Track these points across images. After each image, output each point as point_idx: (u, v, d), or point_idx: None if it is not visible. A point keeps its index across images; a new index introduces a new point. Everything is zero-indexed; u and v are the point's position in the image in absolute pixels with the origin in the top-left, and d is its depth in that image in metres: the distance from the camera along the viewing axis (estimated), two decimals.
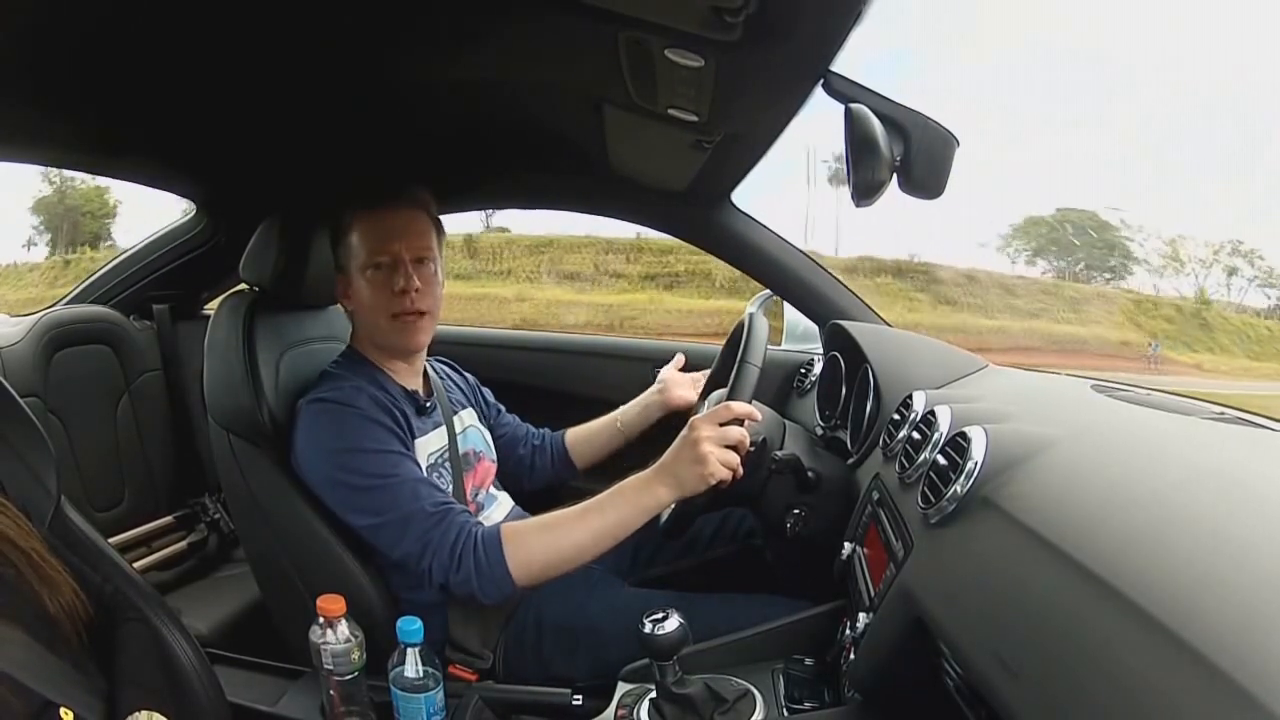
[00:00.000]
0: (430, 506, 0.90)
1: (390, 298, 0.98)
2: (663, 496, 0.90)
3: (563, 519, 0.91)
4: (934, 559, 0.63)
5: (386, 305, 0.99)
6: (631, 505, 0.90)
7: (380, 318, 1.00)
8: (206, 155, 1.24)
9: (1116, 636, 0.39)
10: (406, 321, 1.00)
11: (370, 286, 0.99)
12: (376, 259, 0.98)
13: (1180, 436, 0.70)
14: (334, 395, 0.95)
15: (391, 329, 1.00)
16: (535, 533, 0.91)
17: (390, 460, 0.92)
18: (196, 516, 1.66)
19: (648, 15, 0.63)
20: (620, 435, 1.25)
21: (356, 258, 1.00)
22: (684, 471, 0.88)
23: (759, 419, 0.93)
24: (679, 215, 1.44)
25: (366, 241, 0.99)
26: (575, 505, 0.92)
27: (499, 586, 0.88)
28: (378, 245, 0.98)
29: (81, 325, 1.54)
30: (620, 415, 1.25)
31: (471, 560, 0.88)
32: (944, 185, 0.69)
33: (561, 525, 0.91)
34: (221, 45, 0.79)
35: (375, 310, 1.00)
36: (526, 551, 0.89)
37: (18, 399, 0.75)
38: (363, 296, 1.00)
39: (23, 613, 0.60)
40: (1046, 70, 25.27)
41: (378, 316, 1.00)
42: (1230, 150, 22.77)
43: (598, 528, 0.89)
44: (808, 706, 0.78)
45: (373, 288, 0.99)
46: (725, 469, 0.87)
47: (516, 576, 0.88)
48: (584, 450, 1.26)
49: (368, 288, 0.99)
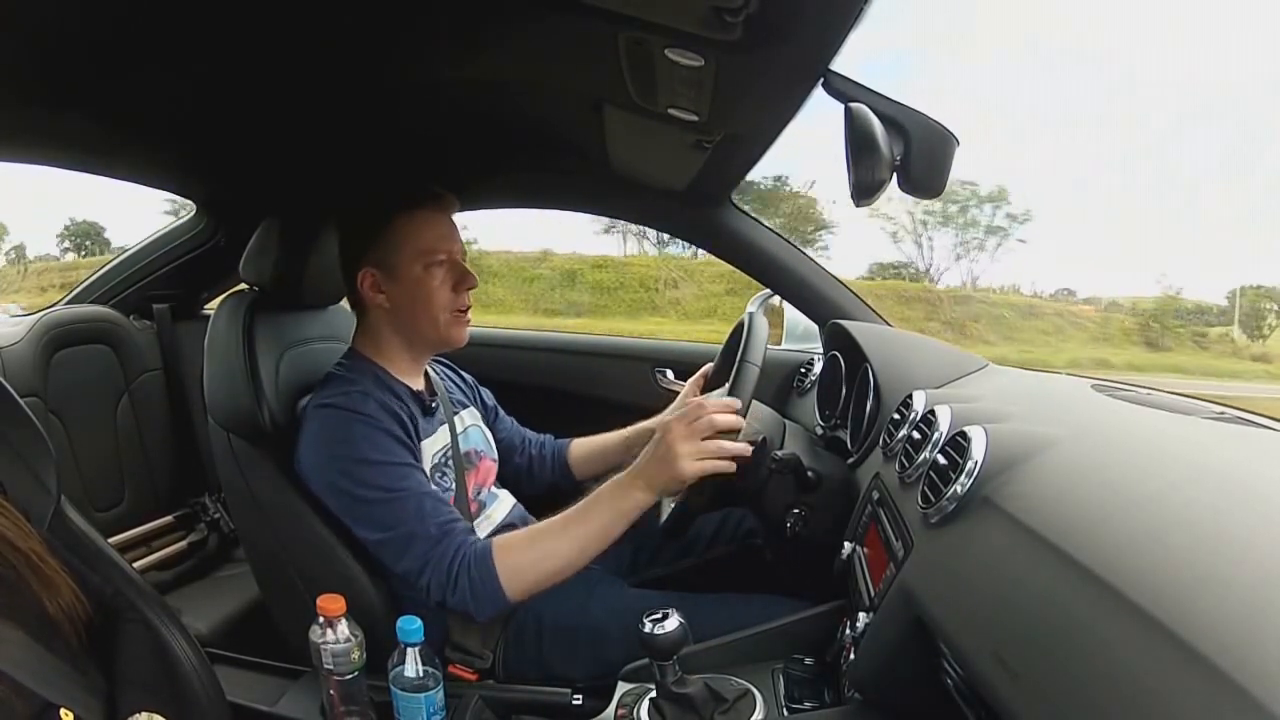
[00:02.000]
0: (434, 528, 0.90)
1: (451, 295, 1.02)
2: (640, 499, 0.90)
3: (547, 532, 0.92)
4: (934, 559, 0.63)
5: (450, 302, 1.02)
6: (612, 510, 0.90)
7: (442, 313, 1.02)
8: (206, 155, 1.24)
9: (1116, 636, 0.39)
10: (462, 318, 1.03)
11: (432, 282, 1.01)
12: (437, 256, 1.00)
13: (1180, 436, 0.70)
14: (342, 401, 0.94)
15: (450, 324, 1.03)
16: (524, 550, 0.91)
17: (397, 473, 0.92)
18: (196, 516, 1.66)
19: (648, 15, 0.63)
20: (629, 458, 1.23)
21: (406, 253, 1.00)
22: (654, 471, 0.89)
23: (736, 406, 0.92)
24: (679, 215, 1.44)
25: (424, 239, 1.00)
26: (559, 514, 0.93)
27: (494, 604, 0.89)
28: (438, 243, 1.00)
29: (81, 325, 1.54)
30: (630, 435, 1.23)
31: (466, 580, 0.88)
32: (944, 184, 0.69)
33: (546, 539, 0.91)
34: (221, 45, 0.79)
35: (436, 306, 1.01)
36: (517, 570, 0.89)
37: (18, 399, 0.75)
38: (417, 293, 1.01)
39: (22, 614, 0.60)
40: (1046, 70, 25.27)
41: (438, 312, 1.02)
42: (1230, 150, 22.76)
43: (582, 536, 0.90)
44: (808, 706, 0.78)
45: (435, 284, 1.01)
46: (698, 464, 0.87)
47: (509, 593, 0.89)
48: (588, 466, 1.25)
49: (428, 283, 1.00)
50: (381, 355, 1.04)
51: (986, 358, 1.18)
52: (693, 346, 1.75)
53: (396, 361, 1.04)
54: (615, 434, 1.25)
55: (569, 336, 1.92)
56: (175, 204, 3.70)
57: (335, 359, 1.05)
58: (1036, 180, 22.03)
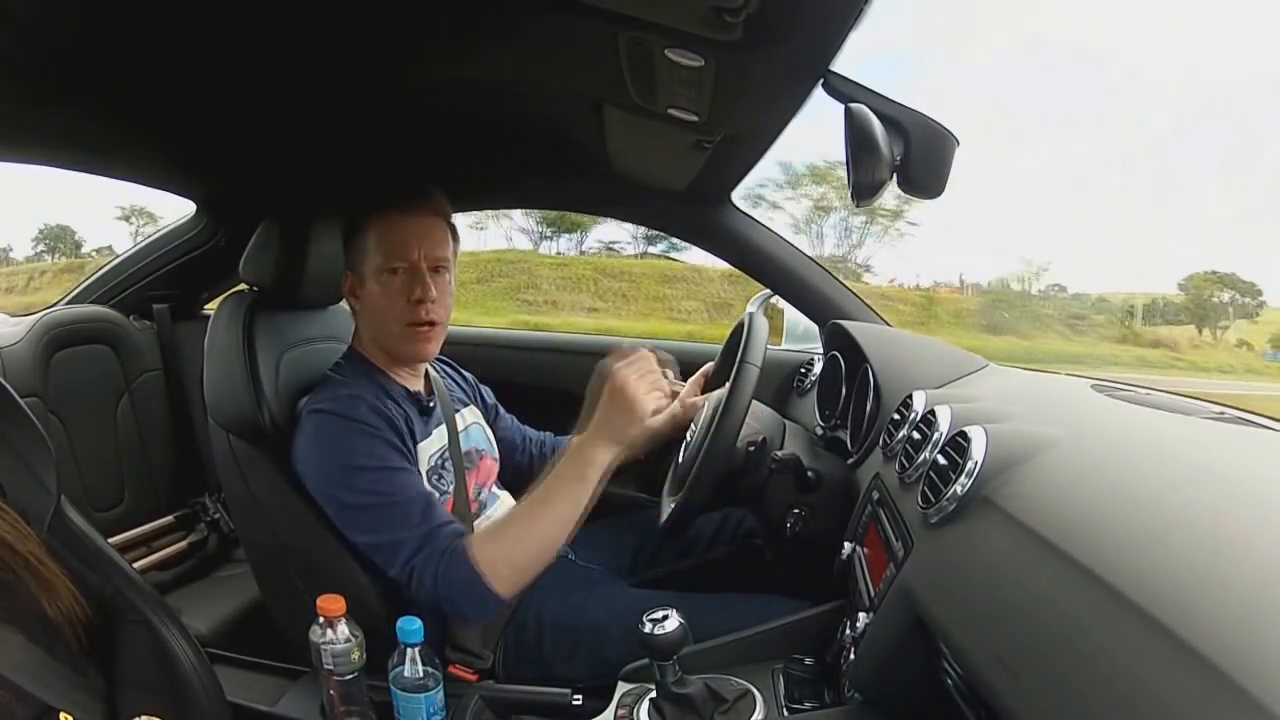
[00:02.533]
0: (417, 537, 0.88)
1: (405, 306, 0.97)
2: (601, 457, 0.89)
3: (513, 519, 0.91)
4: (934, 559, 0.63)
5: (401, 313, 0.97)
6: (573, 480, 0.89)
7: (393, 324, 0.98)
8: (206, 155, 1.24)
9: (1116, 636, 0.39)
10: (419, 332, 0.98)
11: (385, 291, 0.97)
12: (394, 264, 0.96)
13: (1180, 436, 0.70)
14: (334, 406, 0.94)
15: (403, 337, 0.99)
16: (494, 541, 0.89)
17: (388, 477, 0.91)
18: (196, 516, 1.66)
19: (648, 15, 0.63)
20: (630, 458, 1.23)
21: (371, 259, 0.97)
22: (613, 421, 0.88)
23: (669, 358, 0.92)
24: (679, 215, 1.44)
25: (384, 244, 0.96)
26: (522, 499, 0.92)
27: (484, 602, 0.87)
28: (396, 250, 0.96)
29: (81, 325, 1.54)
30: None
31: (451, 585, 0.87)
32: (944, 185, 0.69)
33: (514, 525, 0.90)
34: (222, 45, 0.79)
35: (388, 316, 0.98)
36: (492, 562, 0.87)
37: (18, 399, 0.75)
38: (375, 301, 0.98)
39: (22, 617, 0.60)
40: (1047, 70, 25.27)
41: (390, 323, 0.98)
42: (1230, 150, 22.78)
43: (549, 516, 0.89)
44: (808, 706, 0.78)
45: (387, 293, 0.97)
46: (650, 398, 0.87)
47: (498, 588, 0.87)
48: None
49: (382, 292, 0.97)
50: (374, 356, 1.03)
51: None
52: (693, 346, 1.75)
53: (389, 363, 1.03)
54: None
55: (569, 336, 1.92)
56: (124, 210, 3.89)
57: (335, 359, 1.05)
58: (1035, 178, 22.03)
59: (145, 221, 12.25)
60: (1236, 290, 10.98)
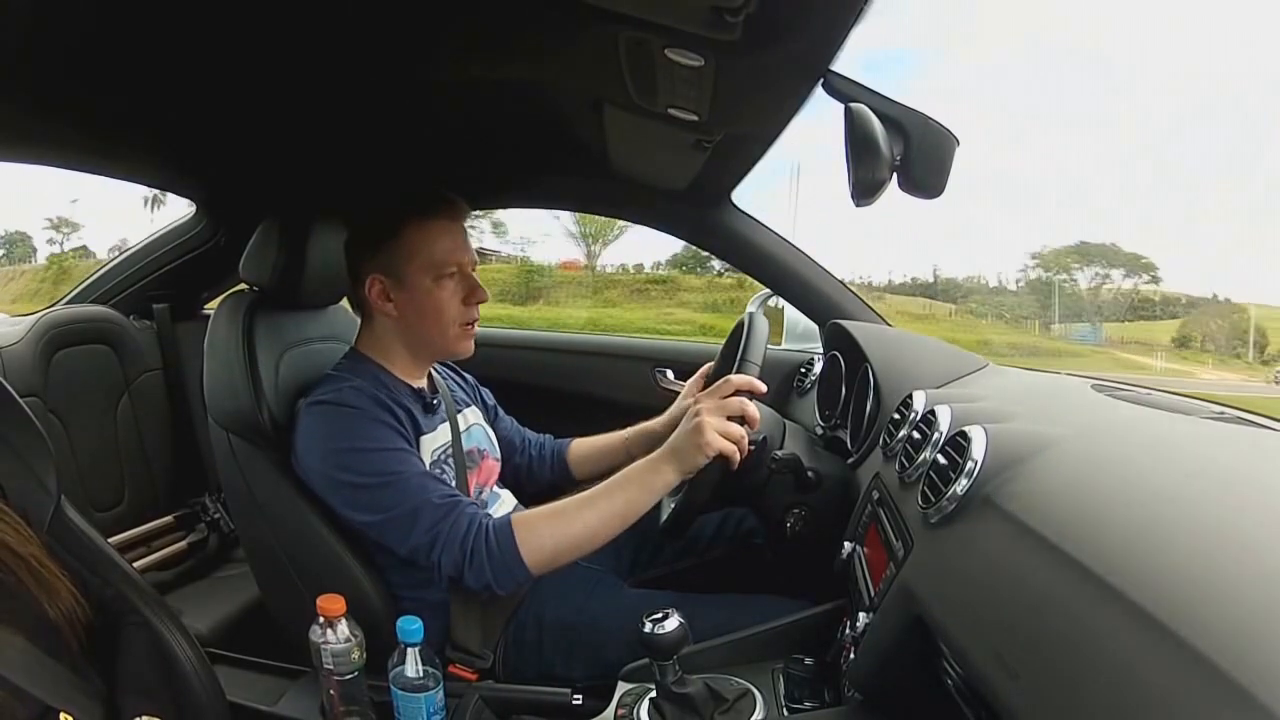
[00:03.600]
0: (437, 499, 0.90)
1: (461, 308, 1.01)
2: (669, 476, 0.91)
3: (571, 505, 0.92)
4: (934, 559, 0.63)
5: (460, 314, 1.01)
6: (640, 487, 0.91)
7: (450, 326, 1.01)
8: (207, 155, 1.24)
9: (1116, 636, 0.39)
10: (470, 331, 1.03)
11: (440, 294, 1.00)
12: (449, 268, 0.99)
13: (1180, 436, 0.70)
14: (333, 396, 0.95)
15: (458, 337, 1.03)
16: (545, 519, 0.91)
17: (393, 457, 0.92)
18: (196, 516, 1.66)
19: (648, 15, 0.63)
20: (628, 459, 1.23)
21: (417, 263, 0.99)
22: (683, 444, 0.89)
23: (762, 390, 0.93)
24: (679, 215, 1.44)
25: (437, 250, 0.99)
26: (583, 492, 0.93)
27: (513, 575, 0.89)
28: (450, 255, 0.99)
29: (81, 325, 1.54)
30: (630, 436, 1.22)
31: (484, 551, 0.88)
32: (944, 185, 0.69)
33: (570, 511, 0.91)
34: (222, 45, 0.79)
35: (445, 318, 1.01)
36: (537, 538, 0.89)
37: (18, 399, 0.75)
38: (425, 303, 1.00)
39: (22, 618, 0.60)
40: (1046, 70, 25.26)
41: (447, 324, 1.01)
42: (1230, 150, 22.80)
43: (606, 511, 0.90)
44: (808, 706, 0.78)
45: (443, 295, 1.00)
46: (723, 440, 0.88)
47: (530, 564, 0.89)
48: (587, 466, 1.25)
49: (437, 295, 1.00)
50: (384, 357, 1.04)
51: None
52: (693, 346, 1.75)
53: (399, 364, 1.04)
54: (615, 434, 1.24)
55: (569, 336, 1.92)
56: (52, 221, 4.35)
57: (335, 359, 1.05)
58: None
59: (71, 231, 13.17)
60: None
